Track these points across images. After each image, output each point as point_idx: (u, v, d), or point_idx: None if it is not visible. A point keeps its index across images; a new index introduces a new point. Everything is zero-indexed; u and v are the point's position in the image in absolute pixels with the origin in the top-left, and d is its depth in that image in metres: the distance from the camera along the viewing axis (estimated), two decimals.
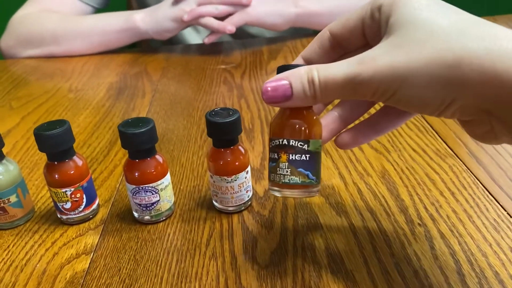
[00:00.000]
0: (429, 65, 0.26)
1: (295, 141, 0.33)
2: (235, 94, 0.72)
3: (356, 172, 0.49)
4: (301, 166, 0.33)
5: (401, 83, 0.27)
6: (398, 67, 0.27)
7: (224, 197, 0.43)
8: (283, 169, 0.34)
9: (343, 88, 0.29)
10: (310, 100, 0.31)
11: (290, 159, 0.33)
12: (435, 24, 0.27)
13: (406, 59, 0.27)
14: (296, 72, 0.31)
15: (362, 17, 0.32)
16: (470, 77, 0.26)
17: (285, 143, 0.33)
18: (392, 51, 0.28)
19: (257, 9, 0.87)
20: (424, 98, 0.28)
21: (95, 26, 0.93)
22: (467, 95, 0.27)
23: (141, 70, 0.85)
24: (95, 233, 0.43)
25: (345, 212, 0.43)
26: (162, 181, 0.42)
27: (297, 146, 0.33)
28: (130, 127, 0.40)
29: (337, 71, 0.29)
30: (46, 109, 0.71)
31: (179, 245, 0.40)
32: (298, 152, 0.33)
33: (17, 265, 0.40)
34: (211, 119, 0.40)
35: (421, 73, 0.27)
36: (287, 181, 0.34)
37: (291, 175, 0.33)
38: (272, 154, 0.34)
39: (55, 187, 0.42)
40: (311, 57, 0.36)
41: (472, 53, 0.26)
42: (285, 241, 0.40)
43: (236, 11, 0.86)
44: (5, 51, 1.00)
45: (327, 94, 0.30)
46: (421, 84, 0.27)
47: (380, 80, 0.28)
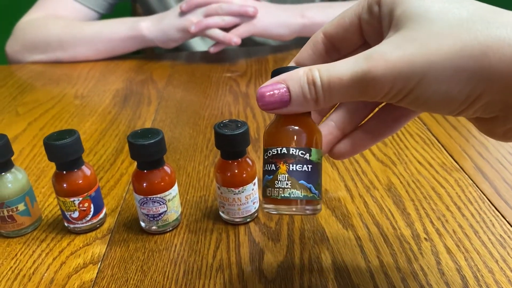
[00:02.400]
0: (453, 57, 0.24)
1: (295, 149, 0.29)
2: (241, 103, 0.72)
3: (362, 184, 0.49)
4: (303, 178, 0.29)
5: (420, 79, 0.25)
6: (415, 61, 0.24)
7: (231, 209, 0.43)
8: (282, 181, 0.29)
9: (351, 88, 0.26)
10: (311, 105, 0.28)
11: (290, 169, 0.29)
12: (453, 14, 0.25)
13: (424, 52, 0.24)
14: (294, 74, 0.28)
15: (358, 13, 0.30)
16: (499, 67, 0.23)
17: (285, 152, 0.29)
18: (407, 44, 0.25)
19: (263, 20, 0.87)
20: (447, 94, 0.25)
21: (100, 33, 0.93)
22: (495, 88, 0.24)
23: (146, 77, 0.86)
24: (102, 243, 0.43)
25: (352, 226, 0.43)
26: (170, 192, 0.42)
27: (298, 155, 0.29)
28: (140, 138, 0.40)
29: (343, 70, 0.26)
30: (53, 115, 0.71)
31: (186, 256, 0.41)
32: (299, 162, 0.29)
33: (25, 273, 0.40)
34: (219, 131, 0.40)
35: (443, 67, 0.24)
36: (287, 195, 0.29)
37: (291, 188, 0.29)
38: (269, 166, 0.30)
39: (63, 196, 0.42)
40: (304, 63, 0.32)
41: (500, 41, 0.23)
42: (292, 254, 0.40)
43: (242, 22, 0.87)
44: (10, 56, 1.00)
45: (332, 96, 0.27)
46: (444, 79, 0.24)
47: (395, 77, 0.25)
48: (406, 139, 0.58)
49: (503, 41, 0.23)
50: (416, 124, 0.61)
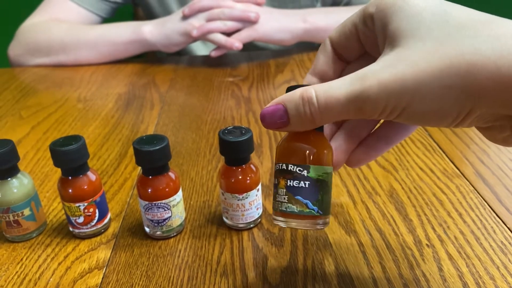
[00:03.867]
0: (440, 75, 0.24)
1: (293, 166, 0.31)
2: (243, 108, 0.72)
3: (364, 190, 0.50)
4: (299, 194, 0.30)
5: (411, 97, 0.25)
6: (405, 80, 0.25)
7: (235, 214, 0.44)
8: (281, 195, 0.31)
9: (347, 107, 0.27)
10: (308, 124, 0.29)
11: (288, 185, 0.31)
12: (439, 29, 0.25)
13: (414, 70, 0.25)
14: (291, 95, 0.29)
15: (355, 24, 0.31)
16: (487, 83, 0.24)
17: (284, 168, 0.31)
18: (397, 63, 0.26)
19: (265, 25, 0.88)
20: (439, 111, 0.26)
21: (103, 37, 0.94)
22: (485, 103, 0.25)
23: (149, 81, 0.86)
24: (107, 248, 0.43)
25: (354, 232, 0.43)
26: (174, 198, 0.43)
27: (295, 172, 0.30)
28: (145, 145, 0.40)
29: (339, 90, 0.27)
30: (56, 119, 0.72)
31: (190, 261, 0.41)
32: (296, 178, 0.30)
33: (31, 278, 0.40)
34: (224, 138, 0.41)
35: (432, 85, 0.25)
36: (284, 209, 0.31)
37: (288, 202, 0.31)
38: (275, 179, 0.32)
39: (69, 201, 0.43)
40: (320, 70, 0.34)
41: (485, 57, 0.23)
42: (295, 260, 0.40)
43: (244, 27, 0.87)
44: (13, 59, 1.01)
45: (329, 115, 0.28)
46: (434, 97, 0.25)
47: (388, 96, 0.26)
48: (408, 145, 0.58)
49: (488, 58, 0.23)
50: (418, 130, 0.62)
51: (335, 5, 1.04)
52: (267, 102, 0.74)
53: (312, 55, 0.95)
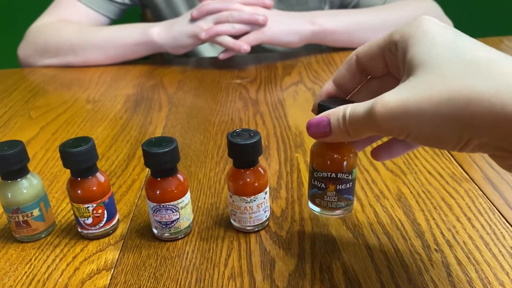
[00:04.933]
0: (440, 106, 0.27)
1: (342, 174, 0.39)
2: (251, 110, 0.72)
3: (372, 194, 0.49)
4: (346, 193, 0.40)
5: (415, 123, 0.28)
6: (409, 108, 0.28)
7: (243, 217, 0.44)
8: (331, 196, 0.40)
9: (365, 125, 0.31)
10: (345, 136, 0.34)
11: (338, 188, 0.40)
12: (447, 63, 0.28)
13: (417, 99, 0.28)
14: (335, 110, 0.34)
15: (382, 49, 0.34)
16: (481, 118, 0.26)
17: (333, 176, 0.39)
18: (405, 92, 0.29)
19: (273, 28, 0.88)
20: (440, 137, 0.29)
21: (111, 38, 0.94)
22: (481, 135, 0.27)
23: (157, 83, 0.86)
24: (115, 249, 0.43)
25: (362, 235, 0.43)
26: (183, 200, 0.43)
27: (344, 178, 0.39)
28: (154, 147, 0.40)
29: (360, 109, 0.31)
30: (65, 120, 0.72)
31: (198, 263, 0.41)
32: (344, 182, 0.40)
33: (39, 279, 0.40)
34: (232, 140, 0.41)
35: (432, 114, 0.27)
36: (334, 206, 0.41)
37: (337, 201, 0.41)
38: (319, 183, 0.40)
39: (78, 202, 0.43)
40: (341, 81, 0.38)
41: (481, 94, 0.26)
42: (303, 263, 0.40)
43: (253, 30, 0.87)
44: (22, 60, 1.01)
45: (357, 132, 0.33)
46: (434, 125, 0.28)
47: (394, 120, 0.29)
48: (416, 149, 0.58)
49: (484, 95, 0.26)
50: None
51: (343, 7, 1.04)
52: (274, 104, 0.74)
53: (320, 57, 0.95)
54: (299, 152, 0.59)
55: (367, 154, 0.57)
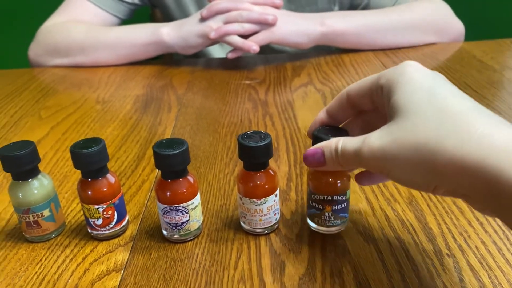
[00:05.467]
0: (411, 155, 0.30)
1: (337, 196, 0.41)
2: (260, 111, 0.72)
3: (383, 197, 0.49)
4: (342, 212, 0.42)
5: (392, 166, 0.31)
6: (387, 152, 0.31)
7: (253, 219, 0.43)
8: (328, 216, 0.42)
9: (353, 159, 0.34)
10: (337, 167, 0.37)
11: (334, 209, 0.42)
12: (421, 112, 0.31)
13: (394, 146, 0.31)
14: (328, 143, 0.37)
15: (370, 90, 0.37)
16: (445, 168, 0.29)
17: (329, 199, 0.41)
18: (386, 136, 0.32)
19: (282, 28, 0.88)
20: (413, 180, 0.31)
21: (121, 38, 0.94)
22: (446, 183, 0.30)
23: (166, 83, 0.86)
24: (124, 250, 0.43)
25: (373, 239, 0.43)
26: (193, 201, 0.43)
27: (339, 199, 0.42)
28: (165, 148, 0.40)
29: (350, 145, 0.34)
30: (75, 120, 0.72)
31: (208, 266, 0.41)
32: (340, 203, 0.42)
33: (50, 279, 0.40)
34: (243, 143, 0.41)
35: (405, 161, 0.30)
36: (331, 224, 0.43)
37: (334, 219, 0.43)
38: (316, 204, 0.42)
39: (88, 203, 0.43)
40: (332, 112, 0.41)
41: (445, 146, 0.28)
42: (313, 266, 0.40)
43: (262, 29, 0.87)
44: (32, 60, 1.02)
45: (346, 163, 0.35)
46: (407, 170, 0.31)
47: (375, 160, 0.32)
48: None
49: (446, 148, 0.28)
50: None
51: (352, 8, 1.04)
52: (284, 106, 0.74)
53: (329, 58, 0.95)
54: None
55: None
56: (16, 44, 1.50)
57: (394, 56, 0.92)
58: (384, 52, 0.94)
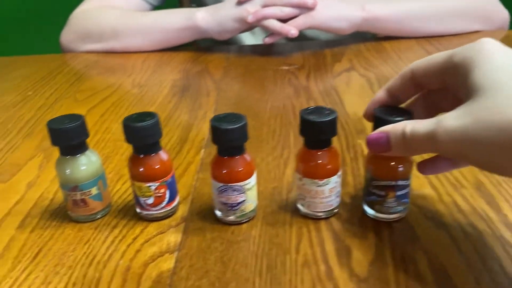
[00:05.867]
0: (496, 135, 0.27)
1: (402, 180, 0.39)
2: (303, 96, 0.69)
3: (448, 182, 0.46)
4: (405, 197, 0.40)
5: (472, 149, 0.28)
6: (468, 133, 0.28)
7: (313, 201, 0.41)
8: (391, 203, 0.39)
9: (425, 143, 0.31)
10: (405, 152, 0.34)
11: (397, 195, 0.39)
12: (505, 90, 0.28)
13: (476, 127, 0.28)
14: (393, 127, 0.34)
15: (441, 69, 0.34)
16: None
17: (394, 184, 0.39)
18: (467, 116, 0.29)
19: (322, 12, 0.84)
20: (498, 164, 0.28)
21: (155, 23, 0.92)
22: None
23: (202, 69, 0.84)
24: (176, 231, 0.41)
25: (444, 225, 0.40)
26: (250, 181, 0.40)
27: (403, 184, 0.39)
28: (224, 123, 0.38)
29: (421, 128, 0.31)
30: (112, 103, 0.70)
31: (267, 249, 0.38)
32: (403, 188, 0.39)
33: (99, 260, 0.38)
34: (306, 118, 0.38)
35: (489, 142, 0.27)
36: (393, 211, 0.40)
37: (397, 206, 0.40)
38: (378, 191, 0.39)
39: (139, 181, 0.41)
40: (394, 91, 0.39)
41: None
42: (382, 252, 0.37)
43: (301, 14, 0.84)
44: (64, 45, 1.01)
45: (415, 149, 0.33)
46: (491, 152, 0.28)
47: (454, 143, 0.29)
48: None
49: None
50: None
51: None
52: (328, 91, 0.70)
53: (370, 45, 0.91)
54: (362, 138, 0.55)
55: None
56: (46, 31, 1.50)
57: (437, 43, 0.88)
58: (427, 39, 0.90)
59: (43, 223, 0.43)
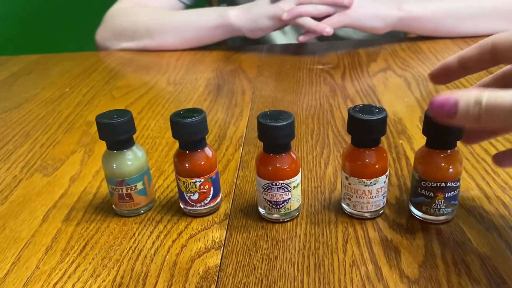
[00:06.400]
0: None
1: (452, 182, 0.38)
2: (339, 95, 0.69)
3: (496, 184, 0.44)
4: (454, 199, 0.39)
5: None
6: None
7: (359, 201, 0.40)
8: (439, 204, 0.39)
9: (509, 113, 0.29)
10: (471, 122, 0.31)
11: (446, 196, 0.38)
12: None
13: None
14: (465, 92, 0.30)
15: None
16: None
17: (443, 186, 0.38)
18: None
19: (358, 11, 0.84)
20: None
21: (189, 21, 0.93)
22: None
23: (236, 67, 0.84)
24: (220, 228, 0.41)
25: (495, 228, 0.39)
26: (295, 179, 0.40)
27: (453, 186, 0.38)
28: (271, 119, 0.38)
29: (507, 98, 0.29)
30: (148, 100, 0.71)
31: (313, 248, 0.38)
32: (453, 190, 0.38)
33: (146, 254, 0.38)
34: (355, 116, 0.37)
35: None
36: (442, 213, 0.39)
37: (445, 208, 0.39)
38: (427, 192, 0.39)
39: (185, 176, 0.41)
40: (467, 61, 0.37)
41: None
42: (432, 254, 0.36)
43: (336, 12, 0.83)
44: (99, 44, 1.02)
45: (491, 118, 0.30)
46: None
47: None
48: None
49: None
50: None
51: None
52: (365, 91, 0.70)
53: (405, 45, 0.90)
54: (403, 138, 0.54)
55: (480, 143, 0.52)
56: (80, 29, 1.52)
57: (473, 43, 0.86)
58: (463, 39, 0.89)
59: (88, 216, 0.44)
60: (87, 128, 0.63)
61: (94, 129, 0.62)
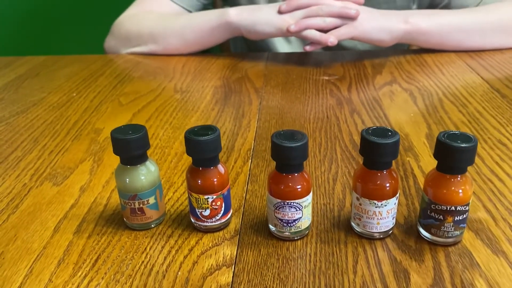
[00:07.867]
0: None
1: (461, 206, 0.38)
2: (346, 108, 0.69)
3: (503, 207, 0.45)
4: (462, 222, 0.39)
5: None
6: None
7: (369, 222, 0.41)
8: (448, 227, 0.39)
9: None
10: None
11: (456, 220, 0.39)
12: None
13: None
14: None
15: None
16: None
17: (453, 209, 0.38)
18: None
19: (364, 24, 0.84)
20: None
21: (189, 23, 0.93)
22: None
23: (242, 76, 0.84)
24: (231, 244, 0.41)
25: (503, 252, 0.39)
26: (307, 198, 0.40)
27: (462, 209, 0.39)
28: (285, 140, 0.38)
29: None
30: (156, 108, 0.71)
31: (324, 268, 0.38)
32: (462, 213, 0.39)
33: (158, 270, 0.39)
34: (369, 138, 0.38)
35: None
36: (450, 236, 0.40)
37: (454, 230, 0.39)
38: (436, 215, 0.39)
39: (197, 192, 0.41)
40: None
41: None
42: (441, 277, 0.37)
43: (343, 24, 0.84)
44: (107, 51, 1.03)
45: None
46: None
47: None
48: None
49: None
50: None
51: (431, 7, 0.99)
52: (371, 103, 0.70)
53: (410, 57, 0.90)
54: (410, 156, 0.55)
55: (486, 163, 0.53)
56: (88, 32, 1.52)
57: (479, 58, 0.87)
58: (468, 53, 0.89)
59: (99, 229, 0.44)
60: (95, 136, 0.63)
61: (102, 137, 0.62)
